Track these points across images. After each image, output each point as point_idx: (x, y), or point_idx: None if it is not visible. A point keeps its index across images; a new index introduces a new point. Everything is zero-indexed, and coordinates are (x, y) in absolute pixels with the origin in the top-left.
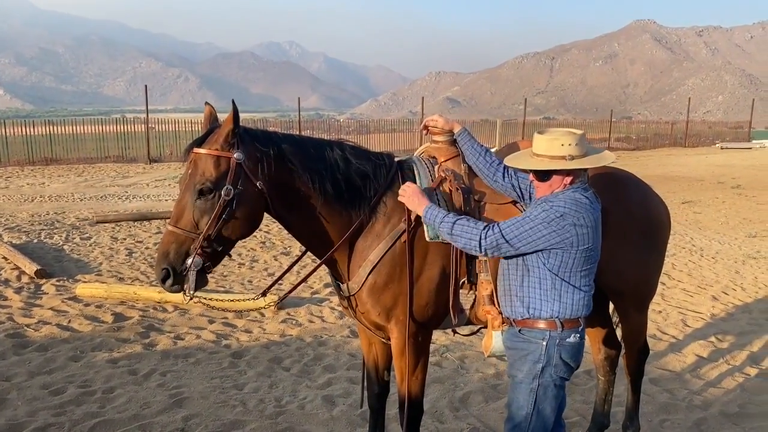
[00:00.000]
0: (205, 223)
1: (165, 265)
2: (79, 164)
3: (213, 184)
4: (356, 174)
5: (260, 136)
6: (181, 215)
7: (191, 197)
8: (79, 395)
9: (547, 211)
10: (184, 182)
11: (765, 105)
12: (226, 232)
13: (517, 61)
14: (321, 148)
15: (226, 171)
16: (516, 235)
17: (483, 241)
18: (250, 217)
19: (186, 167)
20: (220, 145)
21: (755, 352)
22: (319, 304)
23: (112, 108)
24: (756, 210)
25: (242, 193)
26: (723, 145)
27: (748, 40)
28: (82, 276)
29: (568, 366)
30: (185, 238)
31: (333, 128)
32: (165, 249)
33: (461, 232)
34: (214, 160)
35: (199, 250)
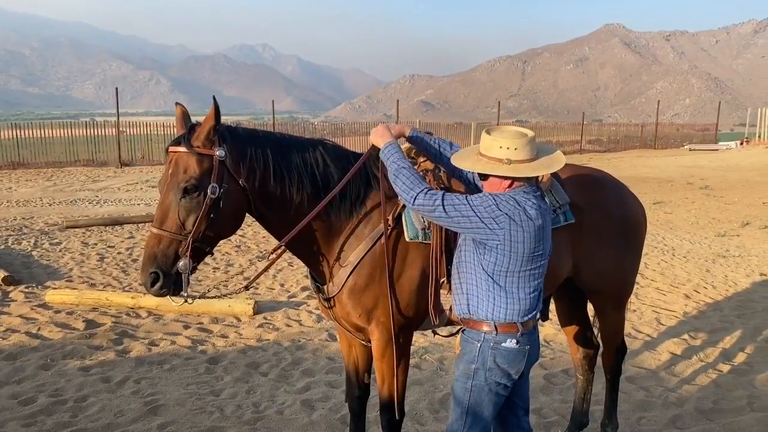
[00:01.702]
0: (192, 223)
1: (153, 269)
2: (48, 168)
3: (198, 182)
4: (337, 174)
5: (242, 133)
6: (165, 216)
7: (175, 197)
8: (50, 404)
9: (488, 199)
10: (166, 183)
11: (730, 108)
12: (212, 231)
13: (490, 64)
14: (302, 146)
15: (210, 169)
16: (452, 204)
17: (420, 196)
18: (235, 216)
19: (166, 167)
20: (202, 142)
21: (727, 348)
22: (296, 307)
23: (81, 111)
24: (724, 210)
25: (227, 191)
26: (691, 147)
27: (714, 45)
28: (52, 282)
29: (505, 372)
30: (171, 239)
31: (308, 131)
32: (151, 252)
33: (405, 179)
34: (196, 158)
35: (188, 252)
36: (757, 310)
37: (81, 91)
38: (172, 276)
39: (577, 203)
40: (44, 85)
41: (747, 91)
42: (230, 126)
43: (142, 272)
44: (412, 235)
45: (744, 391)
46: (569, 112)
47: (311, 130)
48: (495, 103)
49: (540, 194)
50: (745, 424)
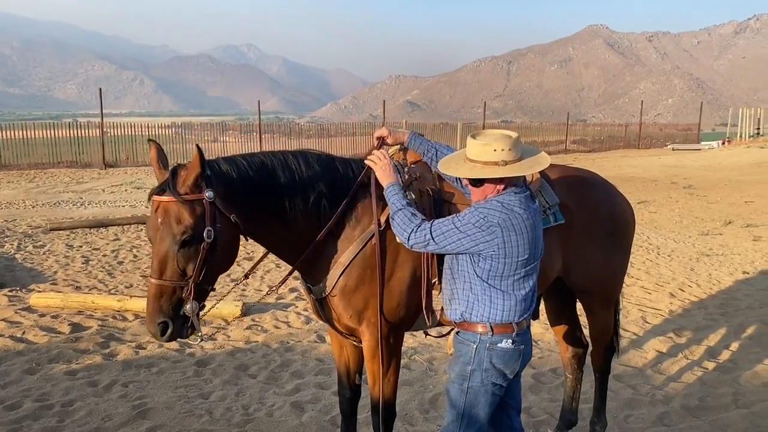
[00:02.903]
0: (192, 269)
1: (162, 319)
2: (30, 170)
3: (193, 231)
4: (324, 185)
5: (225, 169)
6: (164, 267)
7: (172, 248)
8: (36, 409)
9: (475, 214)
10: (157, 231)
11: (712, 108)
12: (212, 270)
13: (475, 65)
14: (286, 164)
15: (203, 213)
16: (441, 233)
17: (412, 235)
18: (232, 250)
19: (154, 214)
20: (189, 188)
21: (712, 346)
22: (284, 309)
23: (64, 112)
24: (707, 209)
25: (221, 230)
26: (674, 147)
27: (695, 46)
28: (36, 285)
29: (501, 372)
30: (174, 288)
31: (294, 131)
32: (156, 303)
33: (399, 221)
34: (188, 206)
35: (192, 295)
36: (741, 307)
37: (63, 92)
38: (180, 320)
39: (567, 203)
40: (25, 85)
41: (728, 91)
42: (212, 163)
43: (150, 323)
44: None
45: (729, 388)
46: (554, 113)
47: (297, 131)
48: (480, 103)
49: (529, 194)
50: (730, 421)
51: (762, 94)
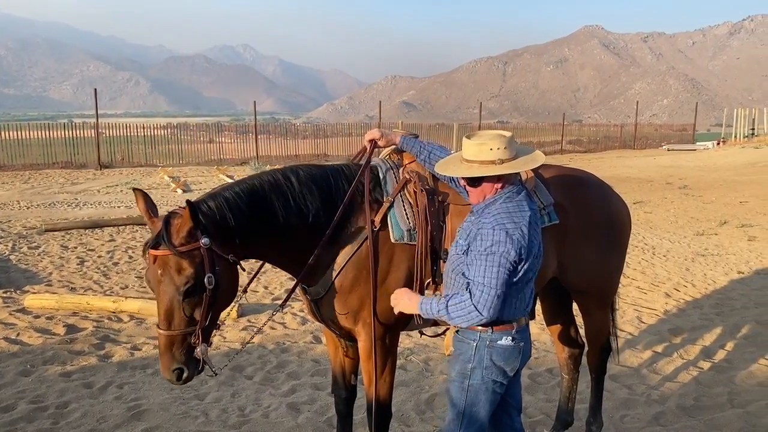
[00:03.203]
0: (199, 315)
1: (176, 366)
2: (25, 171)
3: (195, 280)
4: (319, 200)
5: (216, 209)
6: (170, 318)
7: (176, 299)
8: (30, 411)
9: (495, 242)
10: (158, 283)
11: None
12: (217, 311)
13: (471, 65)
14: (277, 186)
15: (201, 261)
16: (493, 278)
17: (480, 307)
18: (233, 287)
19: (153, 267)
20: (184, 239)
21: (707, 346)
22: (282, 311)
23: (59, 112)
24: (702, 209)
25: (221, 272)
26: (669, 147)
27: (690, 46)
28: (31, 287)
29: (501, 369)
30: (183, 335)
31: (289, 132)
32: (169, 353)
33: (457, 312)
34: (186, 257)
35: (201, 339)
36: (736, 307)
37: (58, 92)
38: (193, 363)
39: (562, 203)
40: (20, 86)
41: (723, 91)
42: (200, 204)
43: (165, 371)
44: (397, 236)
45: (724, 388)
46: (549, 113)
47: (293, 131)
48: (476, 104)
49: (527, 193)
50: (725, 420)
51: (756, 94)
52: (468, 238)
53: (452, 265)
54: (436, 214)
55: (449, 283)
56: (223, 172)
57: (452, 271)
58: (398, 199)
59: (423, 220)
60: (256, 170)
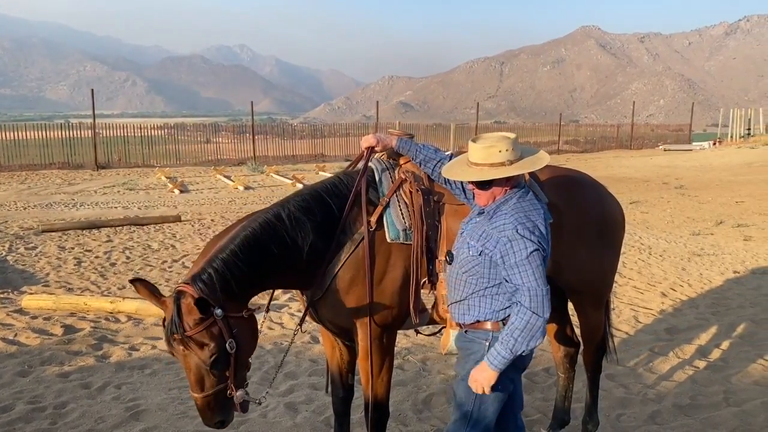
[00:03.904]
0: (229, 374)
1: (218, 419)
2: (22, 171)
3: (219, 351)
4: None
5: (220, 279)
6: (202, 383)
7: (203, 369)
8: (28, 412)
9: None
10: (183, 357)
11: (703, 108)
12: (243, 361)
13: (468, 65)
14: (271, 229)
15: (219, 331)
16: (540, 277)
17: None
18: (255, 335)
19: (175, 348)
20: (198, 321)
21: (703, 345)
22: (278, 310)
23: (56, 113)
24: (698, 209)
25: (239, 332)
26: (666, 147)
27: (687, 47)
28: (28, 287)
29: (513, 366)
30: (217, 394)
31: (286, 132)
32: (209, 412)
33: (524, 333)
34: (206, 334)
35: (235, 390)
36: (732, 307)
37: (55, 93)
38: (232, 411)
39: (556, 203)
40: (17, 86)
41: (719, 92)
42: (202, 275)
43: (208, 423)
44: (393, 236)
45: (720, 387)
46: (546, 113)
47: (290, 132)
48: (473, 104)
49: (527, 190)
50: (721, 419)
51: (752, 94)
52: (481, 239)
53: (464, 267)
54: (431, 213)
55: (459, 285)
56: (220, 172)
57: (464, 273)
58: (394, 199)
59: (419, 219)
60: (253, 170)
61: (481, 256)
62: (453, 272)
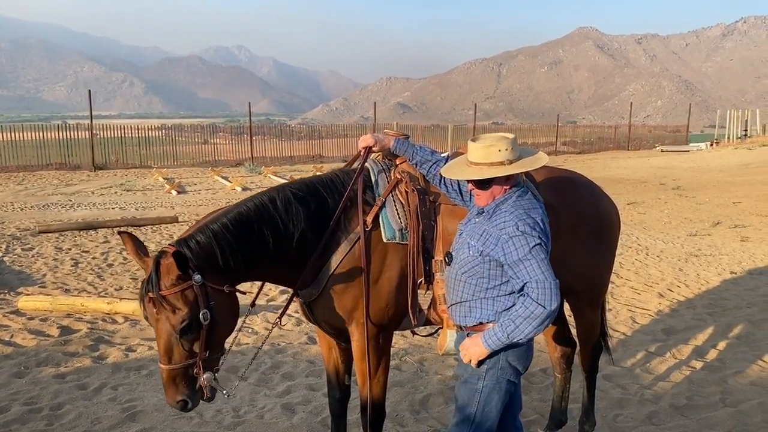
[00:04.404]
0: (198, 348)
1: (180, 398)
2: (19, 172)
3: (190, 319)
4: (306, 219)
5: (206, 247)
6: (170, 353)
7: (174, 337)
8: (24, 413)
9: (533, 237)
10: (155, 321)
11: (700, 110)
12: (217, 340)
13: (466, 66)
14: (265, 211)
15: (195, 298)
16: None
17: (546, 303)
18: (232, 317)
19: (149, 306)
20: (174, 282)
21: (700, 345)
22: (275, 311)
23: (53, 114)
24: (696, 210)
25: (216, 305)
26: (663, 148)
27: (684, 48)
28: (25, 288)
29: (515, 369)
30: (184, 369)
31: (284, 133)
32: (173, 386)
33: (526, 322)
34: (180, 296)
35: (202, 370)
36: (728, 307)
37: (52, 94)
38: (198, 393)
39: (552, 203)
40: (14, 87)
41: (716, 93)
42: (188, 241)
43: (171, 402)
44: (389, 236)
45: (717, 387)
46: (544, 114)
47: (288, 133)
48: (471, 105)
49: (525, 189)
50: (718, 419)
51: (749, 96)
52: (481, 239)
53: (463, 268)
54: (427, 213)
55: (458, 286)
56: (217, 173)
57: (463, 273)
58: (390, 199)
59: (414, 219)
60: (250, 171)
61: (481, 256)
62: (452, 273)
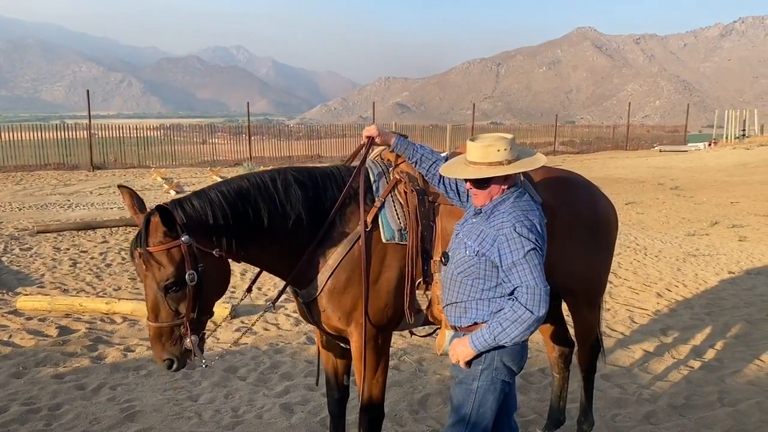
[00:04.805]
0: (184, 309)
1: (167, 357)
2: (17, 172)
3: (175, 277)
4: (307, 205)
5: (198, 207)
6: (157, 311)
7: (160, 294)
8: (23, 413)
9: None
10: (143, 278)
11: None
12: (205, 303)
13: (465, 66)
14: (264, 188)
15: (182, 258)
16: (538, 275)
17: (534, 309)
18: (220, 282)
19: (138, 262)
20: (162, 239)
21: (698, 345)
22: (274, 311)
23: (51, 114)
24: (694, 210)
25: (205, 269)
26: (661, 148)
27: (682, 48)
28: (23, 288)
29: (510, 369)
30: (171, 328)
31: (283, 134)
32: (158, 344)
33: (514, 326)
34: (166, 254)
35: (190, 331)
36: (726, 307)
37: (50, 94)
38: (184, 354)
39: (549, 203)
40: (12, 87)
41: (714, 93)
42: (184, 202)
43: (157, 360)
44: (388, 237)
45: (715, 387)
46: (542, 114)
47: (287, 133)
48: (470, 105)
49: (523, 191)
50: (716, 419)
51: (747, 96)
52: (478, 239)
53: (459, 268)
54: (426, 214)
55: (454, 287)
56: (216, 173)
57: (459, 273)
58: (389, 200)
59: (414, 220)
60: (249, 171)
61: (477, 256)
62: (448, 273)
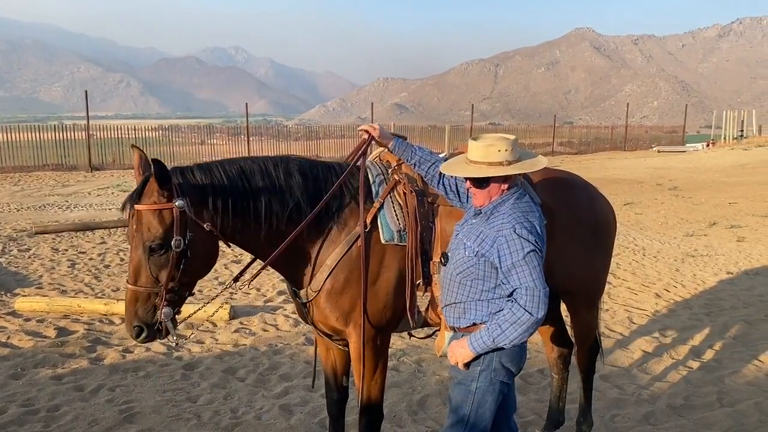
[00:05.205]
0: (164, 277)
1: (136, 323)
2: (15, 173)
3: (162, 240)
4: (304, 191)
5: (198, 176)
6: (138, 273)
7: (144, 255)
8: (21, 415)
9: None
10: (132, 238)
11: (696, 110)
12: (185, 277)
13: (463, 67)
14: (266, 171)
15: (171, 222)
16: (537, 277)
17: (533, 311)
18: (206, 258)
19: (130, 221)
20: (157, 198)
21: (697, 346)
22: (272, 312)
23: (49, 114)
24: (692, 210)
25: (193, 240)
26: (660, 149)
27: (680, 48)
28: (21, 290)
29: (508, 370)
30: (148, 294)
31: (281, 134)
32: (132, 308)
33: (513, 328)
34: (156, 215)
35: (165, 302)
36: (725, 307)
37: (49, 94)
38: (154, 326)
39: (548, 204)
40: (10, 87)
41: (712, 93)
42: (185, 170)
43: (127, 325)
44: (387, 237)
45: (713, 387)
46: (541, 115)
47: (285, 133)
48: (468, 105)
49: (523, 192)
50: (715, 419)
51: (745, 96)
52: (478, 240)
53: (458, 269)
54: (425, 215)
55: (453, 287)
56: None
57: (458, 274)
58: (388, 201)
59: (413, 221)
60: None
61: (477, 257)
62: (447, 273)
